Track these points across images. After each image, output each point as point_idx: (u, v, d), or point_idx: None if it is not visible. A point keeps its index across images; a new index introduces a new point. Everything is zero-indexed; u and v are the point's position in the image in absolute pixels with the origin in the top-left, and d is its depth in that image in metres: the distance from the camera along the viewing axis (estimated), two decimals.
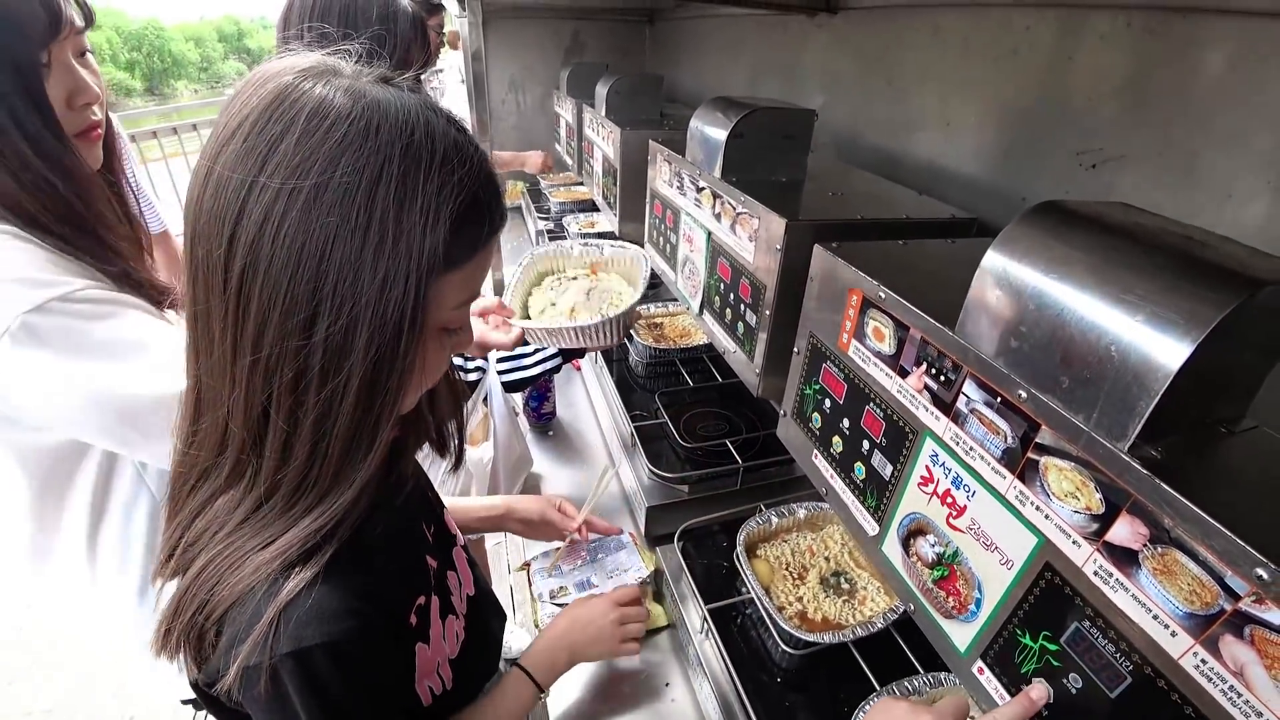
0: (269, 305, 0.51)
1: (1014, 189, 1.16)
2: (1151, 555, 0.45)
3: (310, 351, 0.52)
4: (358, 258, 0.51)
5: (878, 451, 0.76)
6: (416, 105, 0.55)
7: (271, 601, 0.56)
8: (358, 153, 0.50)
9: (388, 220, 0.51)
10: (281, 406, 0.54)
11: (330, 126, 0.50)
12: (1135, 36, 0.93)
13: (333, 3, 1.18)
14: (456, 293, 0.59)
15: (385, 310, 0.52)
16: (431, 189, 0.53)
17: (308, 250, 0.50)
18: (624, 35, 3.39)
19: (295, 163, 0.49)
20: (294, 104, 0.50)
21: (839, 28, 1.65)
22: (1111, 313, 0.47)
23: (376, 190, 0.50)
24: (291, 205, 0.49)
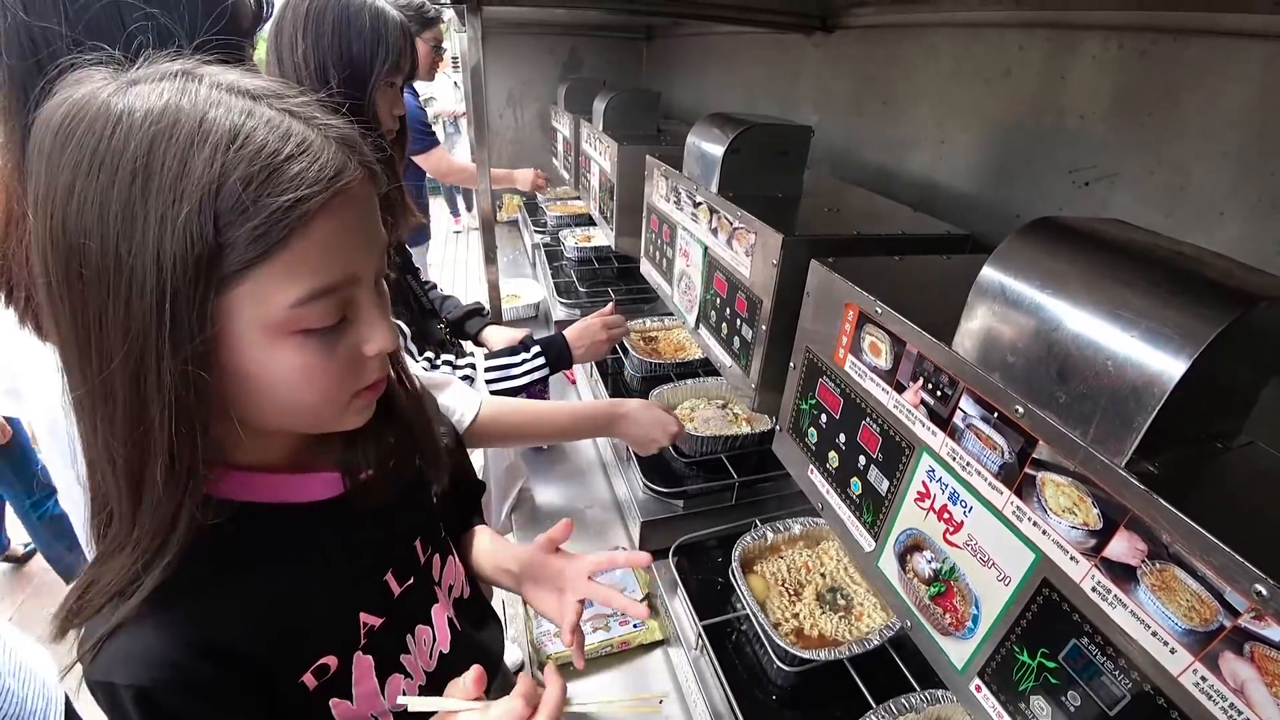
0: (67, 334, 0.49)
1: (1008, 206, 1.17)
2: (1150, 571, 0.45)
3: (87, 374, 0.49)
4: (106, 277, 0.46)
5: (874, 467, 0.75)
6: (173, 93, 0.48)
7: (102, 625, 0.54)
8: (89, 166, 0.45)
9: (121, 232, 0.45)
10: (85, 437, 0.53)
11: (66, 141, 0.46)
12: (1127, 57, 0.94)
13: (325, 12, 1.18)
14: (282, 289, 0.50)
15: (138, 325, 0.47)
16: (168, 188, 0.45)
17: (71, 276, 0.47)
18: (621, 51, 3.41)
19: (47, 187, 0.47)
20: (49, 120, 0.47)
21: (834, 46, 1.67)
22: (1107, 328, 0.48)
23: (106, 203, 0.45)
24: (51, 230, 0.47)
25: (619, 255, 2.68)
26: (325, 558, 0.68)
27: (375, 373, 0.61)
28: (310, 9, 1.18)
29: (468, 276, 6.71)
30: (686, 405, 1.69)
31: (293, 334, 0.52)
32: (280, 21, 1.20)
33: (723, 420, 1.61)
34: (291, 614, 0.63)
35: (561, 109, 2.66)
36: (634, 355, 1.89)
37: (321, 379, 0.56)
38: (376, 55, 1.22)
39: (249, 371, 0.52)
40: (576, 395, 2.09)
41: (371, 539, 0.73)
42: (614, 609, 0.91)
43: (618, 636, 1.25)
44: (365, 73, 1.22)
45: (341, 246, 0.53)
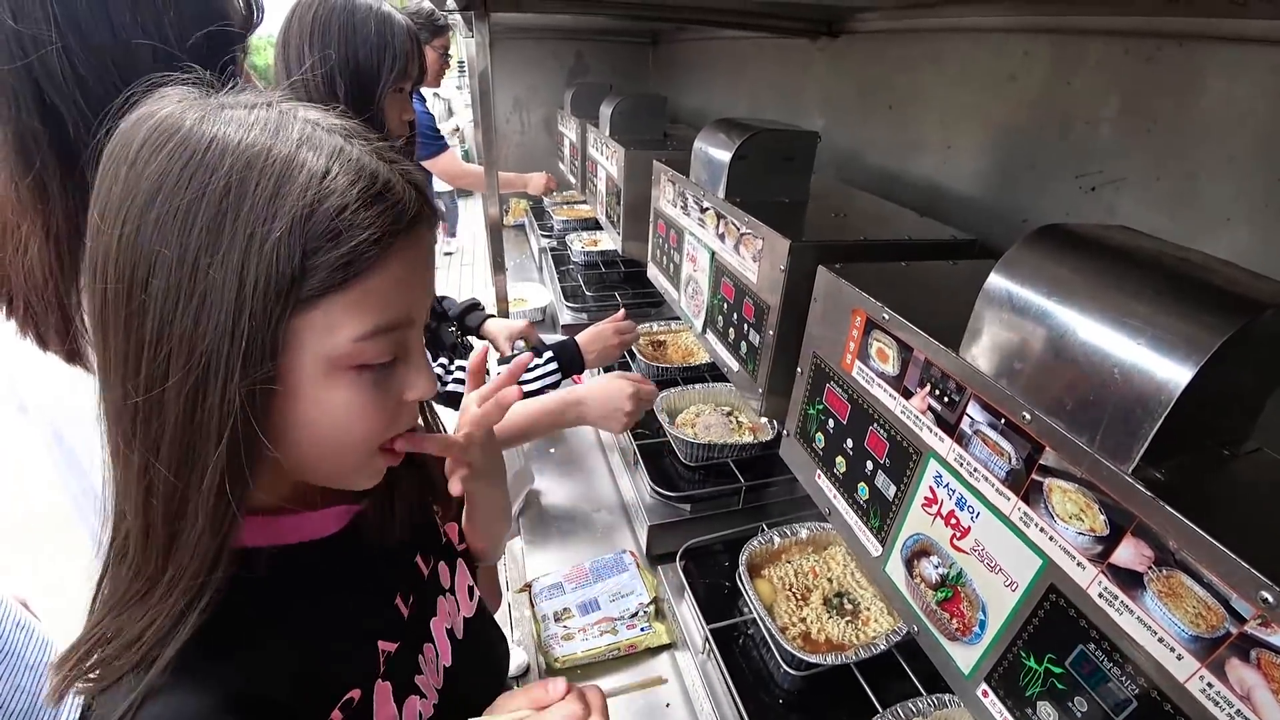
0: (116, 349, 0.48)
1: (1014, 211, 1.17)
2: (1156, 578, 0.45)
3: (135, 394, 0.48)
4: (175, 291, 0.46)
5: (881, 472, 0.76)
6: (269, 120, 0.49)
7: (127, 699, 0.49)
8: (178, 176, 0.45)
9: (203, 245, 0.45)
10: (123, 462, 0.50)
11: (156, 151, 0.46)
12: (1133, 62, 0.94)
13: (331, 21, 1.19)
14: (350, 321, 0.50)
15: (202, 344, 0.46)
16: (260, 208, 0.46)
17: (135, 286, 0.46)
18: (627, 56, 3.43)
19: (126, 194, 0.46)
20: (132, 135, 0.47)
21: (840, 51, 1.67)
22: (1114, 336, 0.48)
23: (193, 214, 0.45)
24: (121, 238, 0.46)
25: (626, 259, 2.69)
26: (341, 592, 0.67)
27: (409, 420, 0.60)
28: (315, 18, 1.19)
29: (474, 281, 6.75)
30: (692, 410, 1.70)
31: (349, 369, 0.52)
32: (286, 32, 1.21)
33: (725, 427, 1.61)
34: (318, 653, 0.62)
35: (568, 113, 2.68)
36: (641, 359, 1.90)
37: (366, 420, 0.55)
38: (384, 62, 1.23)
39: (299, 405, 0.51)
40: None
41: (379, 565, 0.73)
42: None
43: (625, 640, 1.25)
44: (373, 79, 1.23)
45: (407, 286, 0.53)
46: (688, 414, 1.68)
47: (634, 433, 1.63)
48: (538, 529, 1.58)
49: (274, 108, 0.50)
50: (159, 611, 0.50)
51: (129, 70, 0.75)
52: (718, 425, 1.60)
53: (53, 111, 0.76)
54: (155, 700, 0.49)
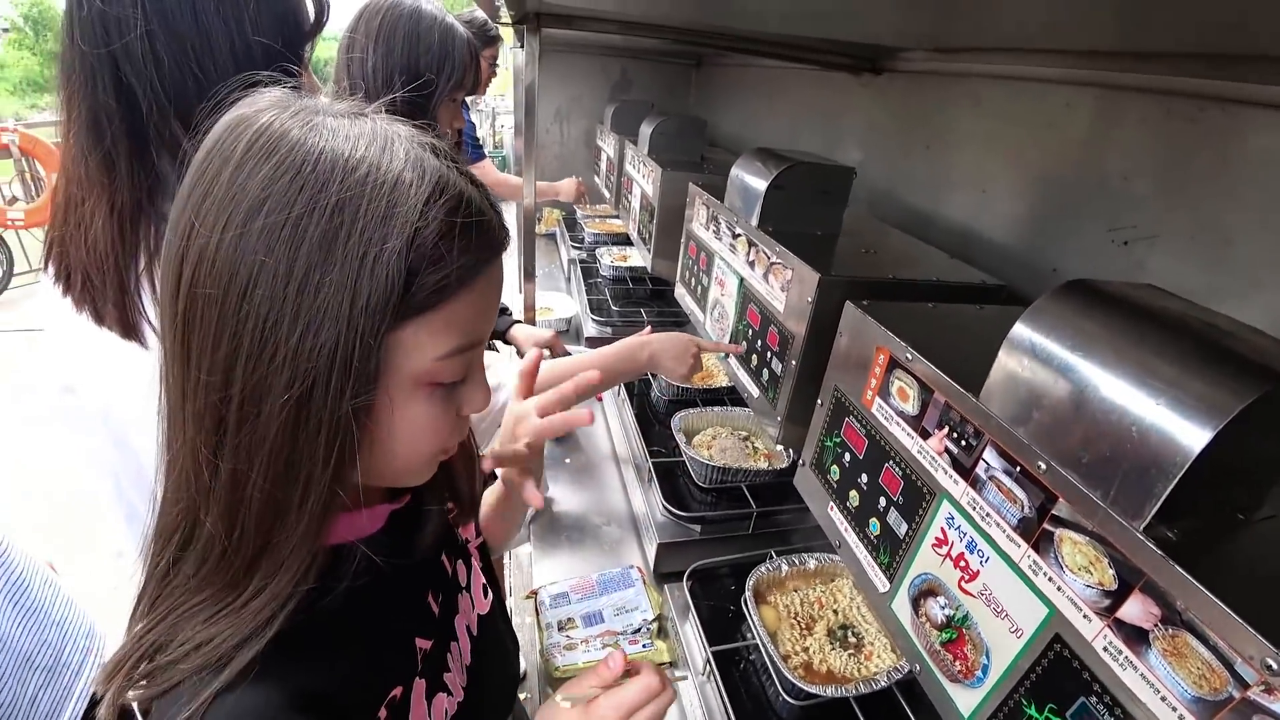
0: (203, 353, 0.47)
1: (1044, 259, 1.17)
2: (1162, 636, 0.46)
3: (228, 403, 0.48)
4: (281, 303, 0.45)
5: (894, 509, 0.76)
6: (375, 136, 0.49)
7: (196, 699, 0.49)
8: (288, 187, 0.45)
9: (314, 260, 0.45)
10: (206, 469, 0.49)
11: (263, 159, 0.46)
12: (1174, 121, 0.95)
13: (397, 28, 1.23)
14: (435, 341, 0.51)
15: (309, 360, 0.46)
16: (373, 227, 0.46)
17: (233, 293, 0.46)
18: (670, 76, 3.47)
19: (228, 198, 0.46)
20: (235, 137, 0.47)
21: (882, 88, 1.69)
22: (1134, 394, 0.49)
23: (304, 227, 0.45)
24: (221, 243, 0.45)
25: (654, 277, 2.71)
26: (383, 589, 0.66)
27: (465, 431, 0.62)
28: (383, 24, 1.23)
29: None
30: (709, 432, 1.71)
31: (425, 386, 0.53)
32: (353, 33, 1.25)
33: (741, 452, 1.61)
34: (366, 651, 0.62)
35: (608, 129, 2.71)
36: (662, 378, 1.91)
37: (436, 434, 0.57)
38: (443, 71, 1.27)
39: (381, 420, 0.52)
40: (602, 413, 2.11)
41: (413, 562, 0.74)
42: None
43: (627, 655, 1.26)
44: (431, 87, 1.27)
45: (485, 309, 0.55)
46: (704, 435, 1.69)
47: (650, 449, 1.64)
48: (547, 537, 1.59)
49: (371, 120, 0.51)
50: (240, 619, 0.50)
51: (206, 58, 0.80)
52: (733, 449, 1.61)
53: (128, 91, 0.79)
54: (227, 696, 0.49)
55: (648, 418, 1.87)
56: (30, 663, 1.04)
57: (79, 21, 0.77)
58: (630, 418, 1.83)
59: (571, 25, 1.59)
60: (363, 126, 0.49)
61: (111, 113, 0.79)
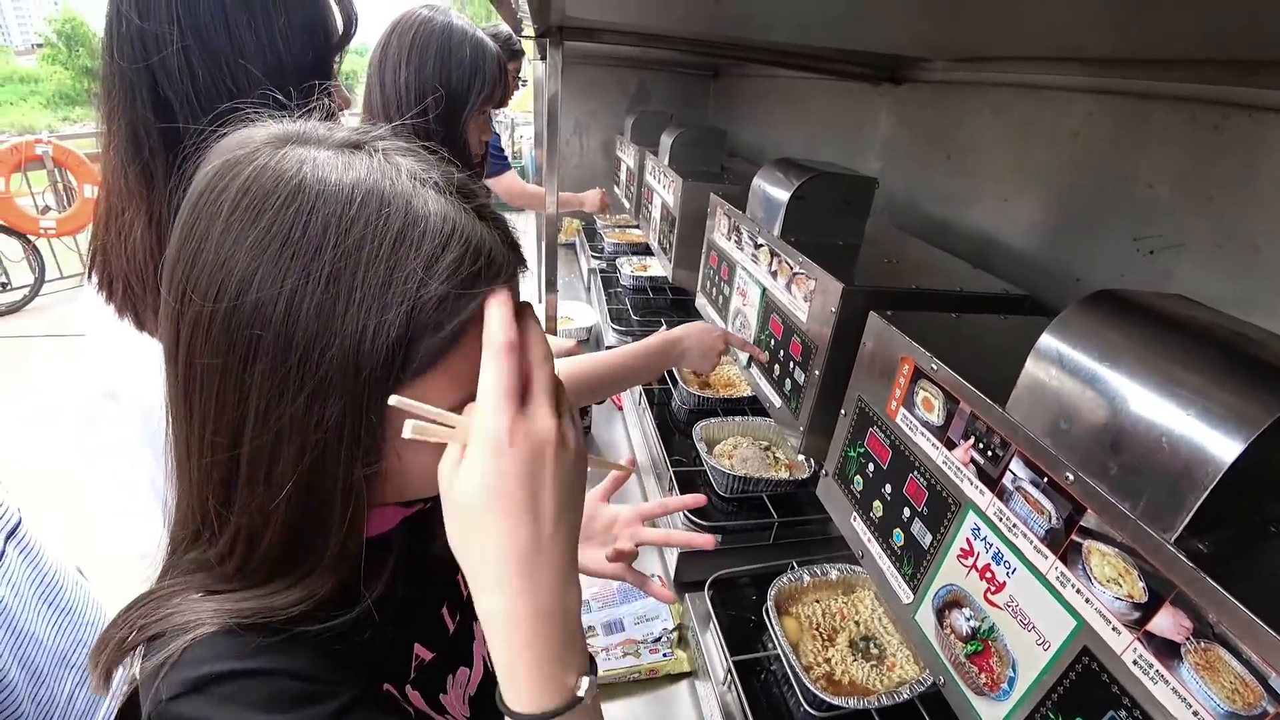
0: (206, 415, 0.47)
1: (1068, 269, 1.17)
2: (1194, 649, 0.46)
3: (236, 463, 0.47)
4: (284, 375, 0.45)
5: (918, 520, 0.76)
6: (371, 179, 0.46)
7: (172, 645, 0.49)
8: (278, 256, 0.43)
9: (312, 334, 0.44)
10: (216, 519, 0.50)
11: (251, 222, 0.44)
12: (1199, 129, 0.94)
13: (430, 43, 1.26)
14: (441, 397, 0.49)
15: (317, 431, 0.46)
16: (371, 298, 0.44)
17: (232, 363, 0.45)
18: (688, 87, 3.48)
19: (218, 265, 0.44)
20: (223, 189, 0.45)
21: (902, 98, 1.69)
22: (1164, 405, 0.49)
23: (299, 301, 0.43)
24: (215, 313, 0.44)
25: (674, 287, 2.71)
26: (389, 583, 0.65)
27: None
28: (415, 39, 1.25)
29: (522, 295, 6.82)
30: (729, 442, 1.71)
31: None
32: (385, 47, 1.28)
33: (762, 462, 1.61)
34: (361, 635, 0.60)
35: (628, 140, 2.73)
36: (683, 387, 1.91)
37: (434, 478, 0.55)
38: (474, 86, 1.29)
39: (391, 467, 0.51)
40: (623, 422, 2.12)
41: (428, 573, 0.73)
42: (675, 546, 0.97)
43: (646, 664, 1.26)
44: (462, 102, 1.30)
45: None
46: (725, 445, 1.69)
47: (671, 458, 1.64)
48: None
49: (369, 155, 0.48)
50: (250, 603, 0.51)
51: (240, 71, 0.82)
52: (754, 459, 1.61)
53: (165, 104, 0.81)
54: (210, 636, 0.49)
55: (668, 427, 1.87)
56: (66, 661, 1.06)
57: (118, 38, 0.79)
58: (651, 426, 1.83)
59: (593, 38, 1.61)
60: (359, 169, 0.46)
61: (150, 126, 0.82)
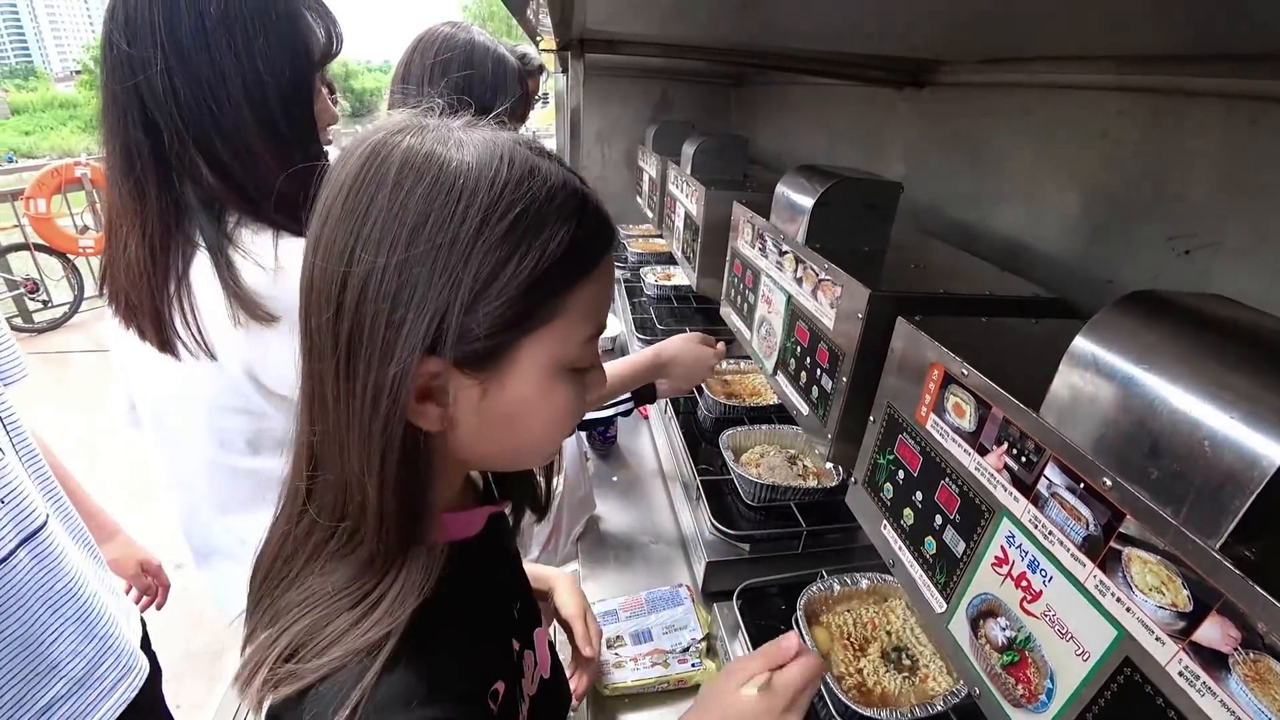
0: (374, 366, 0.51)
1: (1100, 271, 1.15)
2: (1243, 660, 0.44)
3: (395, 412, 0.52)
4: (450, 299, 0.50)
5: (950, 528, 0.75)
6: (503, 142, 0.54)
7: (357, 685, 0.52)
8: (447, 196, 0.49)
9: (480, 275, 0.50)
10: (388, 464, 0.53)
11: (419, 178, 0.50)
12: (1235, 124, 0.92)
13: (453, 58, 1.28)
14: (577, 330, 0.57)
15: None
16: (527, 238, 0.51)
17: (400, 302, 0.50)
18: (710, 96, 3.49)
19: (390, 218, 0.49)
20: (385, 160, 0.51)
21: (925, 102, 1.67)
22: (1205, 407, 0.47)
23: (465, 230, 0.49)
24: (390, 261, 0.49)
25: (697, 295, 2.71)
26: (486, 586, 0.71)
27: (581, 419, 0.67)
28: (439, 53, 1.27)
29: None
30: (756, 450, 1.70)
31: (566, 372, 0.59)
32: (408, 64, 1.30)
33: (788, 470, 1.60)
34: (475, 641, 0.65)
35: (649, 149, 2.73)
36: (709, 396, 1.91)
37: (571, 417, 0.62)
38: (496, 101, 1.31)
39: (526, 408, 0.58)
40: (649, 431, 2.12)
41: (504, 567, 0.80)
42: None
43: (675, 674, 1.25)
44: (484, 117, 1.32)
45: (609, 293, 0.62)
46: (751, 454, 1.68)
47: (697, 467, 1.64)
48: (595, 555, 1.60)
49: (489, 130, 0.56)
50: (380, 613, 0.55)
51: (220, 90, 0.87)
52: (781, 468, 1.60)
53: (153, 126, 0.87)
54: (384, 678, 0.53)
55: (694, 435, 1.87)
56: (56, 670, 1.05)
57: (109, 62, 0.86)
58: (677, 435, 1.83)
59: (614, 49, 1.62)
60: (487, 140, 0.54)
61: (140, 144, 0.87)
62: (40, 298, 6.48)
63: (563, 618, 1.11)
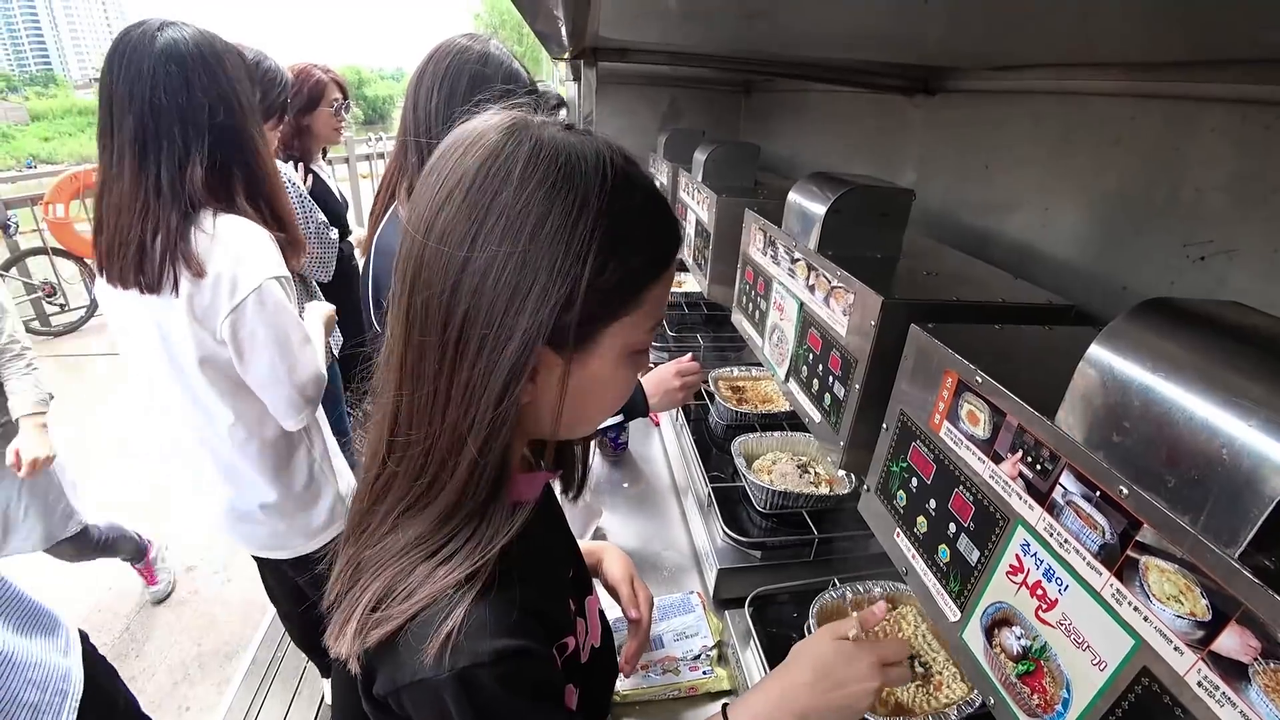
0: (484, 343, 0.57)
1: (1114, 278, 1.14)
2: (1263, 670, 0.44)
3: (498, 373, 0.57)
4: (569, 289, 0.56)
5: (965, 536, 0.75)
6: (601, 147, 0.60)
7: (448, 617, 0.58)
8: (566, 198, 0.55)
9: (592, 254, 0.56)
10: (478, 431, 0.59)
11: (541, 177, 0.55)
12: (1250, 130, 0.92)
13: (463, 71, 1.29)
14: (648, 319, 0.64)
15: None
16: (631, 219, 0.59)
17: (521, 290, 0.55)
18: (720, 103, 3.49)
19: (515, 212, 0.55)
20: (508, 159, 0.56)
21: (936, 108, 1.67)
22: (1223, 415, 0.47)
23: (581, 229, 0.56)
24: (513, 251, 0.55)
25: (708, 303, 2.71)
26: (549, 548, 0.78)
27: None
28: (450, 66, 1.29)
29: None
30: (768, 457, 1.70)
31: (632, 354, 0.66)
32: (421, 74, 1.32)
33: (800, 478, 1.60)
34: (543, 598, 0.71)
35: (660, 157, 2.74)
36: (720, 403, 1.91)
37: (627, 394, 0.70)
38: None
39: (598, 385, 0.65)
40: (660, 439, 2.12)
41: (560, 532, 0.88)
42: None
43: (686, 681, 1.25)
44: None
45: (670, 285, 0.68)
46: (763, 461, 1.68)
47: (709, 475, 1.64)
48: None
49: (583, 134, 0.61)
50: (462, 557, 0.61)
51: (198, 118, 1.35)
52: (793, 475, 1.59)
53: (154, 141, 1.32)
54: (477, 606, 0.60)
55: (706, 443, 1.87)
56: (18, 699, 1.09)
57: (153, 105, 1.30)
58: (689, 442, 1.83)
59: (626, 58, 1.63)
60: (589, 144, 0.60)
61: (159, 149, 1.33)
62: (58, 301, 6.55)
63: (609, 584, 1.15)
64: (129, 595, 3.11)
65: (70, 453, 2.32)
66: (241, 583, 3.20)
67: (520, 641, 0.61)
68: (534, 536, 0.68)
